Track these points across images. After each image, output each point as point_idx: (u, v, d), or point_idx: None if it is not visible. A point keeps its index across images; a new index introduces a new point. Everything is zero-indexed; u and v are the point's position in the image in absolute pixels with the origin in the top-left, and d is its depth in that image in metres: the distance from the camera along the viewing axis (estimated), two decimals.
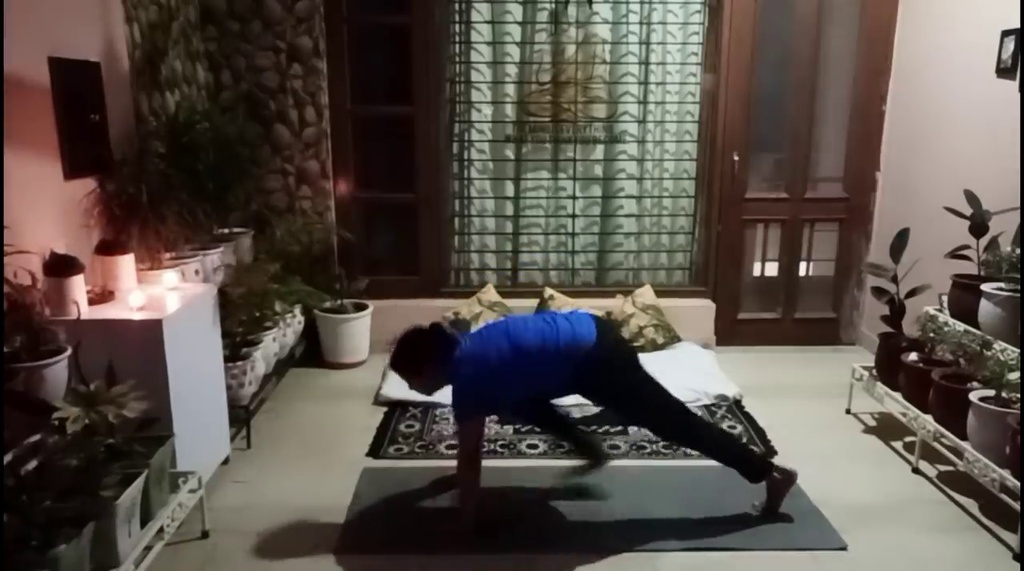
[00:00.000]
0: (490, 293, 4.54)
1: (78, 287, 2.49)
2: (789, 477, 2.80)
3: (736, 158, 4.51)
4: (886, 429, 3.52)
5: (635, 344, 2.95)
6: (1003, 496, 2.63)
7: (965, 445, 2.81)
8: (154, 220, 2.97)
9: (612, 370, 2.68)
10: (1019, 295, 2.84)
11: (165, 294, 2.79)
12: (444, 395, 2.72)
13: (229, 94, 4.24)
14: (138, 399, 2.28)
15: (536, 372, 2.65)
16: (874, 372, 3.58)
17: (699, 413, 3.37)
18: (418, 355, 2.68)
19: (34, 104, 2.59)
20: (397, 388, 3.85)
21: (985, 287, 2.96)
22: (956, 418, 2.86)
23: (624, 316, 4.46)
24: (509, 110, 4.59)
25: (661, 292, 4.61)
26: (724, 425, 3.56)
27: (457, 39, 4.52)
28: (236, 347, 3.31)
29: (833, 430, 3.57)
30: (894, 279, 3.50)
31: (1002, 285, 2.95)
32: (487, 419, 3.05)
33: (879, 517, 2.82)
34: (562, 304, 4.45)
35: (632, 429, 3.49)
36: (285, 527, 2.74)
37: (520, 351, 2.61)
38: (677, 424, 2.78)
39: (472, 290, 4.63)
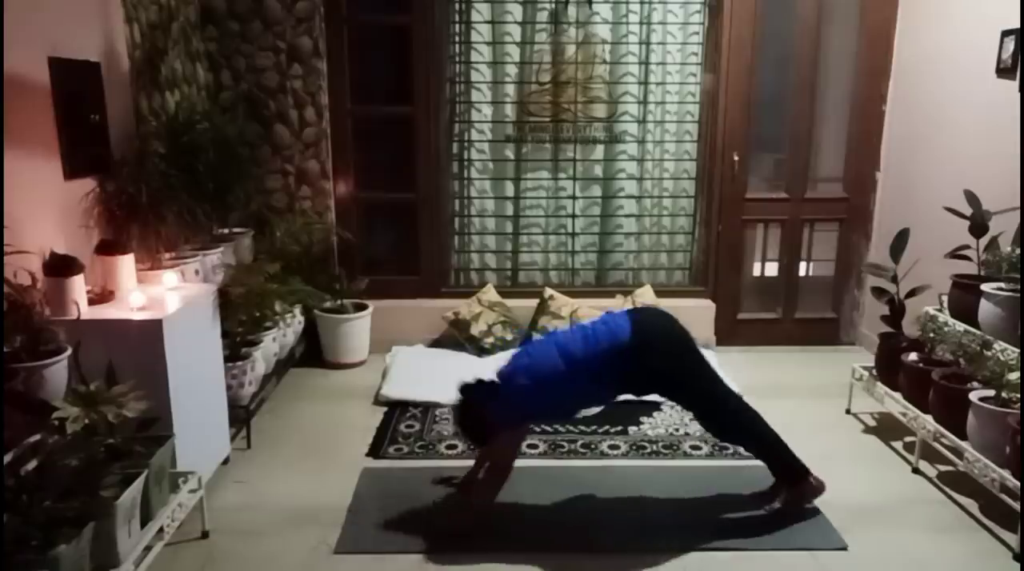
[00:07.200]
0: (490, 293, 4.54)
1: (78, 287, 2.49)
2: (821, 486, 2.83)
3: (736, 158, 4.51)
4: (886, 429, 3.52)
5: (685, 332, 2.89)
6: (1003, 496, 2.63)
7: (965, 445, 2.81)
8: (154, 220, 2.98)
9: (650, 361, 2.68)
10: (1019, 295, 2.84)
11: (165, 294, 2.79)
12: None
13: (229, 94, 4.24)
14: (138, 399, 2.28)
15: (588, 382, 2.67)
16: (874, 372, 3.58)
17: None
18: (480, 415, 2.71)
19: (34, 104, 2.59)
20: (397, 388, 3.87)
21: (985, 287, 2.96)
22: (956, 418, 2.86)
23: None
24: (509, 110, 4.59)
25: (661, 292, 4.60)
26: None
27: (457, 39, 4.52)
28: (236, 347, 3.32)
29: (833, 430, 3.57)
30: (894, 279, 3.50)
31: (1002, 285, 2.94)
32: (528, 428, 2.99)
33: (879, 517, 2.82)
34: (562, 304, 4.45)
35: (632, 429, 3.49)
36: (285, 527, 2.74)
37: (572, 364, 2.64)
38: (723, 420, 2.81)
39: (472, 290, 4.62)
